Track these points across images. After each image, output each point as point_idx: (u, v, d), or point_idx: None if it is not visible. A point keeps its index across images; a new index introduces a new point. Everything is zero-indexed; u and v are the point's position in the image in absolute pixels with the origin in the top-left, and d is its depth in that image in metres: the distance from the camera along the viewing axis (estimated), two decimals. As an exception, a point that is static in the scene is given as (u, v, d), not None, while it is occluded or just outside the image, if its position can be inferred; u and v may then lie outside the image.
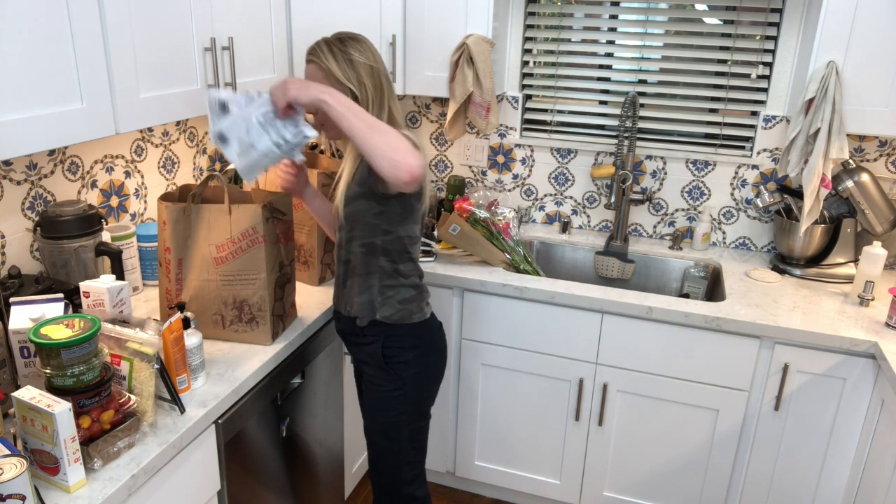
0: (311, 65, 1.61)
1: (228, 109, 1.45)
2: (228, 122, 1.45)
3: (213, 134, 1.47)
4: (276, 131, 1.46)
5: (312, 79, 1.57)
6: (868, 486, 1.87)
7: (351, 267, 1.69)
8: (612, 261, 2.56)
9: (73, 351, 1.21)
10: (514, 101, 2.66)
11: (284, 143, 1.48)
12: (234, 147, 1.46)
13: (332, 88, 1.45)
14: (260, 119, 1.45)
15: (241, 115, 1.45)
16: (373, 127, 1.40)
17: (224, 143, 1.47)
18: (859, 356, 1.91)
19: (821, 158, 2.07)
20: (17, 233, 1.70)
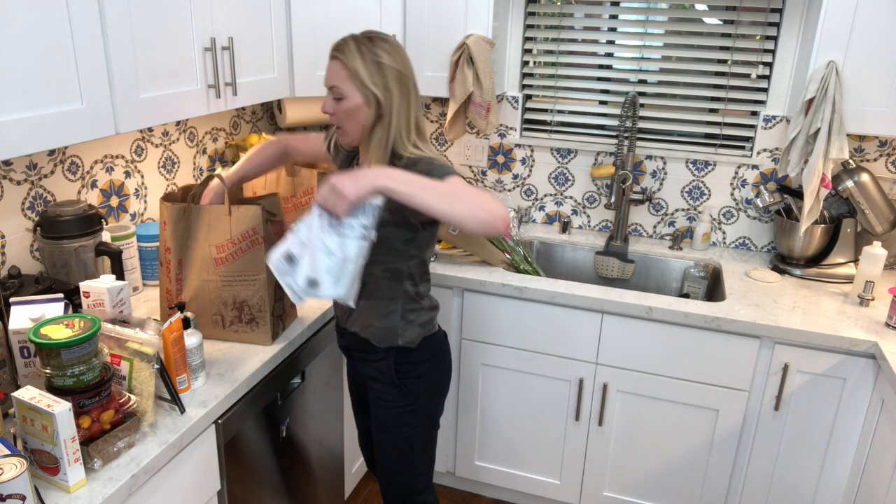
0: (335, 61, 1.49)
1: (295, 258, 1.34)
2: (307, 267, 1.34)
3: (301, 289, 1.35)
4: (354, 228, 1.33)
5: (335, 76, 1.47)
6: (868, 486, 1.87)
7: (369, 290, 1.59)
8: (612, 261, 2.56)
9: (73, 351, 1.21)
10: (514, 101, 2.66)
11: (367, 230, 1.35)
12: (328, 280, 1.34)
13: (385, 168, 1.34)
14: (331, 235, 1.32)
15: (312, 251, 1.33)
16: (446, 194, 1.30)
17: (316, 287, 1.34)
18: (859, 356, 1.91)
19: (821, 158, 2.07)
20: (17, 233, 1.70)
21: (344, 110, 1.48)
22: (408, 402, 1.67)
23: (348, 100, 1.47)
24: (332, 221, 1.32)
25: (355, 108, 1.48)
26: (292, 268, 1.35)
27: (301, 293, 1.35)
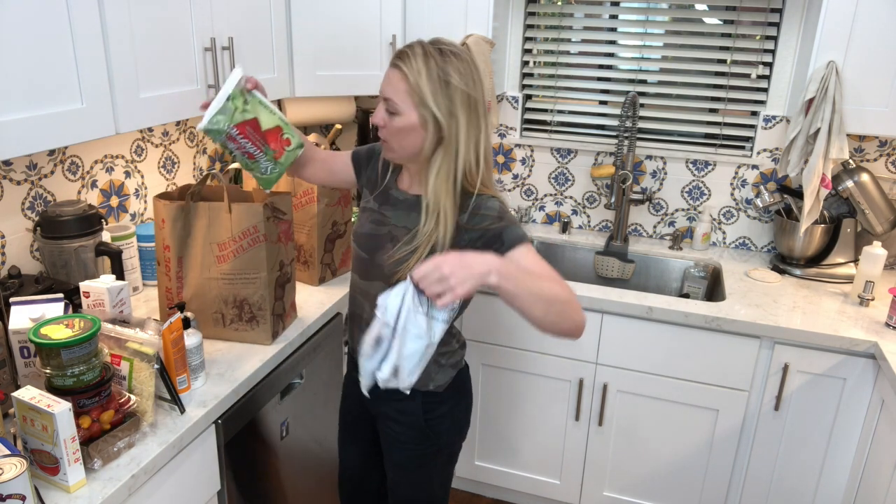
0: (396, 71, 1.30)
1: (383, 342, 1.19)
2: (395, 353, 1.18)
3: (384, 378, 1.20)
4: (444, 312, 1.17)
5: (392, 88, 1.30)
6: (868, 486, 1.87)
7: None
8: (612, 261, 2.56)
9: (73, 351, 1.20)
10: (514, 101, 2.66)
11: (454, 312, 1.20)
12: (408, 367, 1.19)
13: (495, 261, 1.14)
14: (420, 314, 1.16)
15: (403, 335, 1.17)
16: (544, 300, 1.18)
17: (396, 375, 1.21)
18: (859, 356, 1.91)
19: (821, 158, 2.07)
20: (17, 233, 1.70)
21: (397, 127, 1.32)
22: (430, 444, 1.55)
23: (402, 117, 1.30)
24: (422, 299, 1.15)
25: (408, 128, 1.31)
26: (377, 353, 1.20)
27: (382, 382, 1.20)
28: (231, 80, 1.36)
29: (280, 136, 1.45)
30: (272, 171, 1.47)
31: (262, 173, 1.46)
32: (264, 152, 1.43)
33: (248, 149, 1.41)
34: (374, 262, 1.44)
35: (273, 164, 1.45)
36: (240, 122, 1.38)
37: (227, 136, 1.38)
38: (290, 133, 1.47)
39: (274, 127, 1.43)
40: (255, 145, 1.42)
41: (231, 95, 1.36)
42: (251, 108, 1.40)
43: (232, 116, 1.37)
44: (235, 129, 1.38)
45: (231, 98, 1.36)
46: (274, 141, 1.44)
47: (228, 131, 1.38)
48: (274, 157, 1.45)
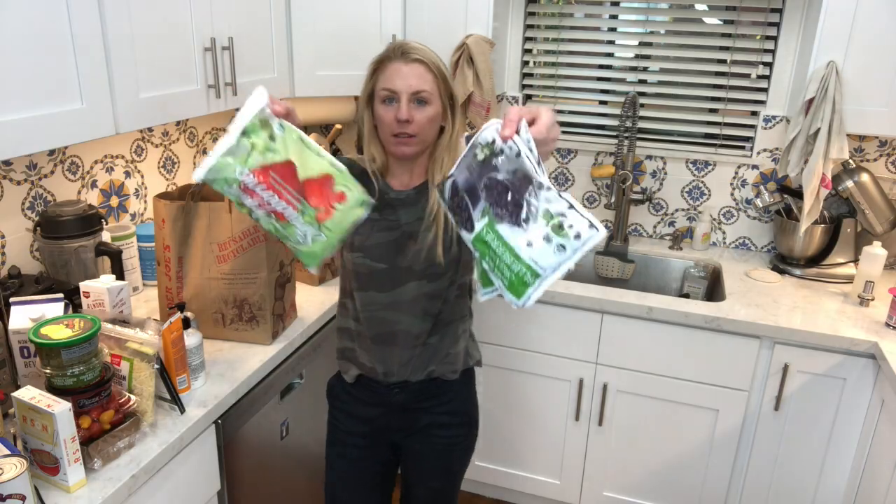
0: (418, 64, 1.32)
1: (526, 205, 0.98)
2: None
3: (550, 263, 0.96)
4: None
5: (421, 78, 1.32)
6: (868, 486, 1.87)
7: (441, 318, 1.45)
8: (612, 261, 2.56)
9: (73, 351, 1.20)
10: (514, 101, 2.66)
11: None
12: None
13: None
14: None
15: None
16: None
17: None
18: (859, 356, 1.91)
19: (821, 158, 2.07)
20: (17, 233, 1.70)
21: (428, 118, 1.33)
22: (473, 428, 1.59)
23: (433, 106, 1.34)
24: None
25: (435, 117, 1.35)
26: (519, 229, 0.99)
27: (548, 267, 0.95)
28: (249, 107, 1.01)
29: (329, 189, 1.05)
30: (314, 240, 1.05)
31: (298, 242, 1.05)
32: (301, 211, 1.03)
33: (275, 205, 1.01)
34: (399, 267, 1.40)
35: (315, 228, 1.04)
36: (260, 167, 1.00)
37: (240, 186, 0.99)
38: (345, 184, 1.07)
39: (320, 175, 1.04)
40: (284, 200, 1.02)
41: (247, 128, 0.99)
42: (281, 145, 1.02)
43: (247, 158, 0.99)
44: (252, 177, 0.99)
45: (247, 132, 0.99)
46: (318, 194, 1.04)
47: (241, 180, 0.98)
48: (316, 217, 1.04)
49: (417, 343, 1.45)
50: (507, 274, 0.97)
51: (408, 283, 1.41)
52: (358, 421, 1.56)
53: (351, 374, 1.53)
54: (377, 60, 1.36)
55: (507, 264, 0.97)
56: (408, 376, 1.48)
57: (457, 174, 1.04)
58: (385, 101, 1.33)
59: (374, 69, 1.36)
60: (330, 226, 1.05)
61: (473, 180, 1.02)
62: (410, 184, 1.43)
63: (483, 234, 1.01)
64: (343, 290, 1.52)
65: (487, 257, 1.00)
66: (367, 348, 1.48)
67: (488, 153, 0.99)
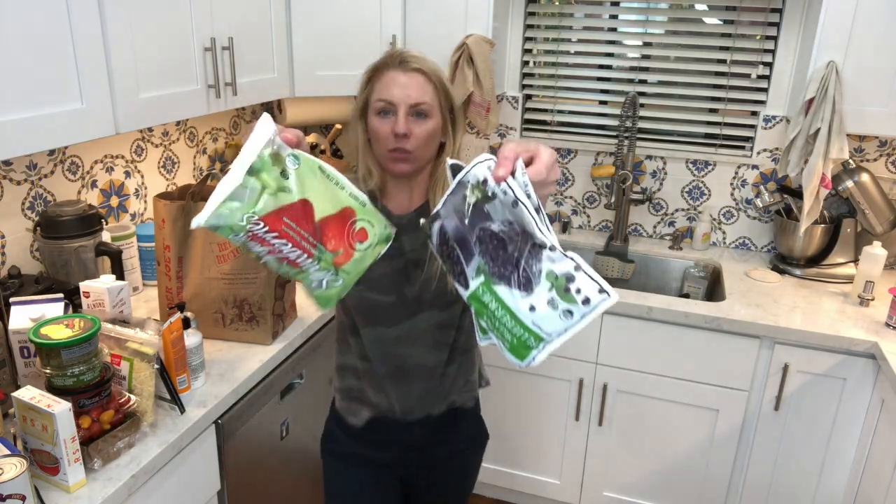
0: (417, 74, 1.21)
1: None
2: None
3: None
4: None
5: (421, 89, 1.21)
6: (868, 486, 1.87)
7: (456, 347, 1.36)
8: (612, 261, 2.56)
9: (73, 351, 1.20)
10: (514, 101, 2.66)
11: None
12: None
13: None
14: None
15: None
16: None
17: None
18: (859, 356, 1.91)
19: (821, 158, 2.07)
20: (17, 233, 1.70)
21: (427, 132, 1.22)
22: (485, 446, 1.56)
23: (433, 120, 1.23)
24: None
25: (434, 132, 1.24)
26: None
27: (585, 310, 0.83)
28: (255, 139, 0.83)
29: (350, 227, 0.91)
30: (331, 286, 0.92)
31: (312, 289, 0.93)
32: (317, 258, 0.89)
33: (288, 253, 0.87)
34: (408, 298, 1.29)
35: (333, 273, 0.91)
36: (272, 212, 0.84)
37: (248, 235, 0.84)
38: (367, 219, 0.93)
39: (339, 211, 0.90)
40: (299, 248, 0.87)
41: (255, 166, 0.82)
42: (295, 182, 0.85)
43: (256, 202, 0.83)
44: (262, 225, 0.83)
45: (255, 170, 0.82)
46: (336, 235, 0.90)
47: (249, 228, 0.83)
48: (334, 262, 0.90)
49: (435, 374, 1.36)
50: (507, 337, 0.88)
51: (418, 314, 1.31)
52: (369, 468, 1.43)
53: (361, 417, 1.39)
54: (372, 69, 1.25)
55: (507, 327, 0.87)
56: (429, 410, 1.38)
57: (444, 216, 0.91)
58: (381, 112, 1.21)
59: (369, 78, 1.25)
60: (348, 268, 0.92)
61: (464, 230, 0.89)
62: (410, 206, 1.31)
63: (479, 293, 0.91)
64: (342, 326, 1.39)
65: (485, 317, 0.90)
66: (378, 387, 1.36)
67: (479, 196, 0.85)
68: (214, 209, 0.81)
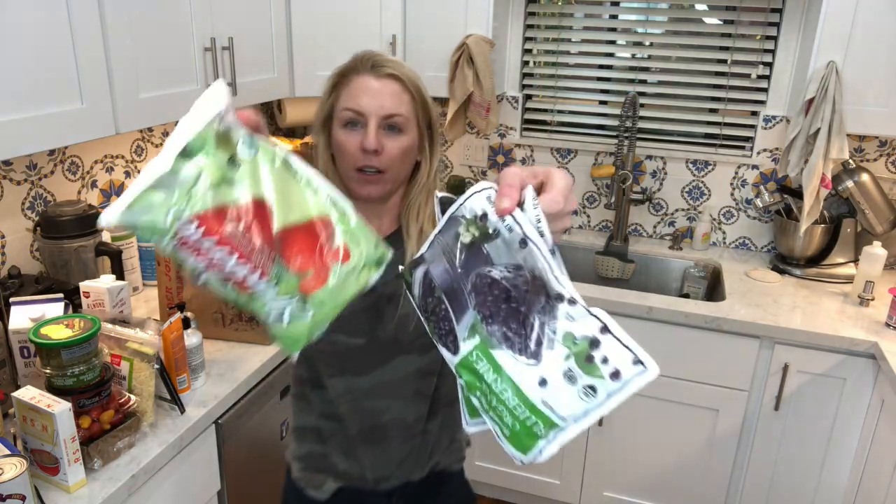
0: (391, 81, 1.04)
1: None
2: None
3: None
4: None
5: (396, 100, 1.04)
6: (868, 486, 1.87)
7: (438, 398, 1.17)
8: (612, 261, 2.56)
9: (73, 351, 1.20)
10: (514, 101, 2.66)
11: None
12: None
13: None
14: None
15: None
16: None
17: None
18: (859, 356, 1.91)
19: (821, 158, 2.07)
20: (17, 233, 1.70)
21: (402, 149, 1.04)
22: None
23: (408, 135, 1.05)
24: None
25: (410, 148, 1.06)
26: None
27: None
28: (198, 113, 0.63)
29: (325, 241, 0.67)
30: (296, 320, 0.67)
31: (273, 320, 0.67)
32: (273, 277, 0.65)
33: (232, 268, 0.63)
34: (381, 339, 1.10)
35: (298, 303, 0.66)
36: (211, 210, 0.62)
37: (177, 240, 0.61)
38: (350, 232, 0.68)
39: (310, 220, 0.66)
40: (247, 261, 0.63)
41: (193, 146, 0.61)
42: (248, 174, 0.64)
43: (189, 194, 0.61)
44: (195, 226, 0.61)
45: (191, 151, 0.61)
46: (305, 251, 0.66)
47: (177, 230, 0.61)
48: (300, 287, 0.66)
49: (414, 432, 1.16)
50: (507, 420, 0.66)
51: (393, 358, 1.11)
52: None
53: (326, 489, 1.20)
54: (339, 73, 1.08)
55: (508, 407, 0.65)
56: (408, 476, 1.20)
57: (430, 260, 0.70)
58: (347, 124, 1.03)
59: (335, 83, 1.07)
60: (322, 298, 0.66)
61: (456, 278, 0.68)
62: (380, 233, 1.10)
63: (472, 359, 0.68)
64: (300, 379, 1.19)
65: (479, 392, 0.68)
66: (347, 451, 1.17)
67: (477, 234, 0.65)
68: (131, 201, 0.59)
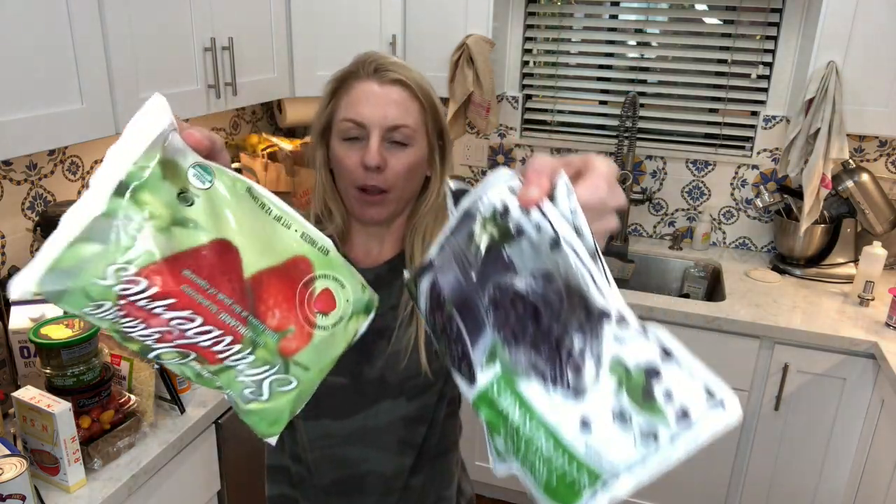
0: (397, 87, 0.92)
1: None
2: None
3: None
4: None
5: (402, 108, 0.91)
6: (868, 486, 1.87)
7: (426, 449, 1.03)
8: (612, 261, 2.56)
9: (73, 351, 1.20)
10: (514, 101, 2.66)
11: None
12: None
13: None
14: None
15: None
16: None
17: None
18: (859, 356, 1.91)
19: (821, 158, 2.07)
20: (17, 233, 1.70)
21: (409, 165, 0.92)
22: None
23: (415, 148, 0.93)
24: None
25: (418, 163, 0.94)
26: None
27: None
28: (134, 136, 0.49)
29: (305, 288, 0.54)
30: (276, 394, 0.54)
31: (245, 399, 0.54)
32: (248, 342, 0.51)
33: (196, 337, 0.50)
34: (366, 380, 0.96)
35: (280, 370, 0.53)
36: (163, 261, 0.47)
37: (120, 305, 0.47)
38: (332, 275, 0.56)
39: (285, 262, 0.53)
40: (216, 323, 0.50)
41: (130, 180, 0.47)
42: (208, 212, 0.49)
43: (131, 244, 0.46)
44: (145, 285, 0.47)
45: (131, 189, 0.47)
46: (282, 303, 0.53)
47: (123, 292, 0.47)
48: (279, 349, 0.53)
49: (394, 488, 1.01)
50: (541, 472, 0.51)
51: (378, 403, 0.97)
52: None
53: None
54: (338, 78, 0.96)
55: (540, 454, 0.50)
56: None
57: (439, 267, 0.55)
58: (347, 137, 0.92)
59: (334, 90, 0.96)
60: (306, 360, 0.54)
61: (470, 289, 0.53)
62: (380, 257, 0.99)
63: (492, 393, 0.53)
64: None
65: (503, 434, 0.53)
66: (316, 500, 1.03)
67: (496, 234, 0.50)
68: (53, 261, 0.45)
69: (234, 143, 2.50)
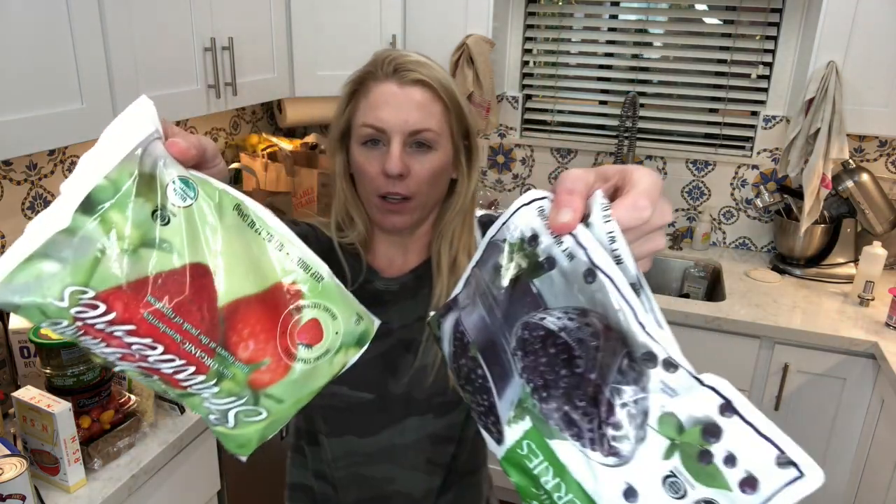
0: (418, 88, 0.86)
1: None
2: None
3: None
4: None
5: (424, 110, 0.86)
6: (868, 485, 1.87)
7: (455, 468, 0.99)
8: (612, 261, 2.56)
9: (74, 351, 1.21)
10: (514, 101, 2.66)
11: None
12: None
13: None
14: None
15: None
16: None
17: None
18: (859, 356, 1.91)
19: (821, 158, 2.07)
20: (17, 233, 1.70)
21: (433, 170, 0.87)
22: None
23: (440, 151, 0.87)
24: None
25: (443, 167, 0.89)
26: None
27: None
28: (110, 143, 0.45)
29: (289, 318, 0.49)
30: (244, 422, 0.50)
31: (213, 422, 0.50)
32: (214, 374, 0.47)
33: (157, 363, 0.46)
34: (392, 396, 0.93)
35: (248, 402, 0.49)
36: (126, 286, 0.43)
37: (79, 326, 0.44)
38: (323, 303, 0.50)
39: (269, 288, 0.48)
40: (179, 353, 0.46)
41: (99, 194, 0.43)
42: (186, 232, 0.45)
43: (94, 266, 0.44)
44: (102, 310, 0.44)
45: (100, 204, 0.43)
46: (259, 334, 0.48)
47: (79, 315, 0.43)
48: (249, 382, 0.48)
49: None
50: None
51: (405, 419, 0.93)
52: None
53: None
54: (355, 79, 0.90)
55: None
56: None
57: (463, 303, 0.49)
58: (367, 142, 0.87)
59: (352, 92, 0.90)
60: (280, 393, 0.50)
61: (496, 329, 0.46)
62: (405, 266, 0.95)
63: (521, 453, 0.47)
64: (298, 430, 1.03)
65: (536, 501, 0.47)
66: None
67: (524, 264, 0.44)
68: (9, 273, 0.45)
69: (234, 143, 2.50)
